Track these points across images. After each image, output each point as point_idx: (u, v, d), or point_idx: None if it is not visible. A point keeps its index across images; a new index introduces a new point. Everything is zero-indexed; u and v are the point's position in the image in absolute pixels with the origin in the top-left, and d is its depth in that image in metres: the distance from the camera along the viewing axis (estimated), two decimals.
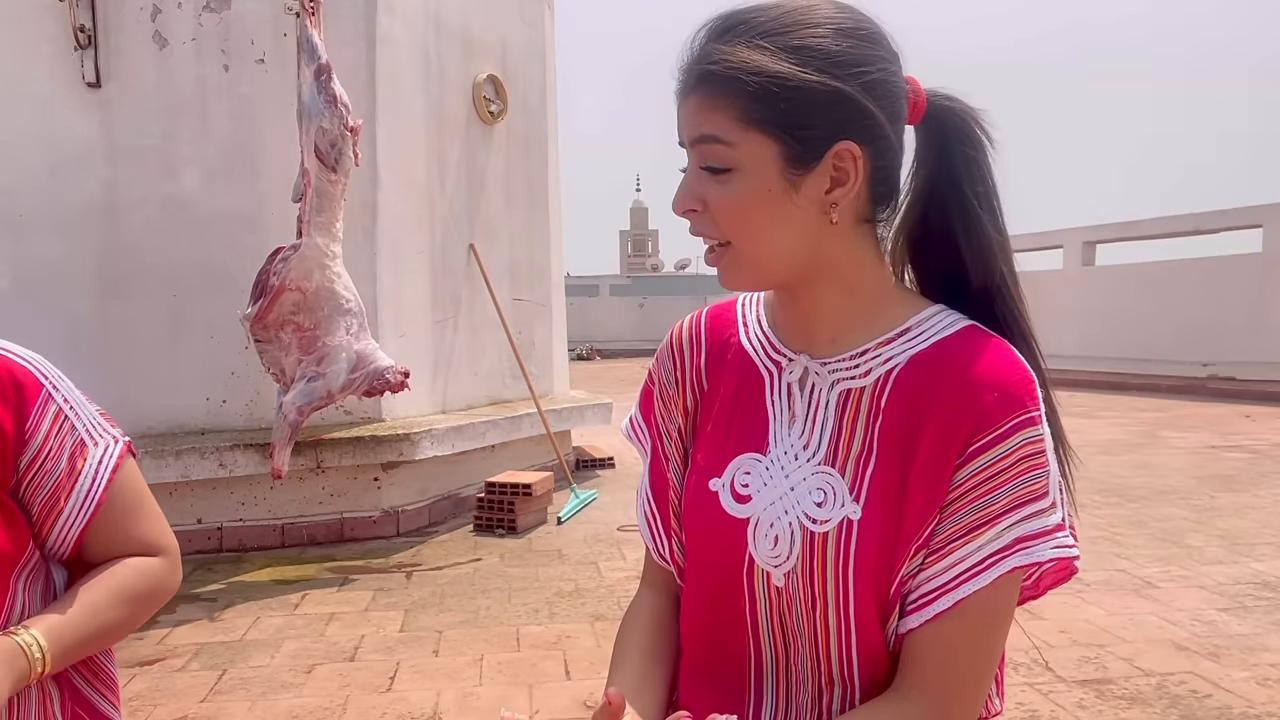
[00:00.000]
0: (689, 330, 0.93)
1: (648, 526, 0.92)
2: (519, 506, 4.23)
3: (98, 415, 0.98)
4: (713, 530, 0.83)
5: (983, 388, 0.74)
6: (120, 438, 0.98)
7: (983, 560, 0.73)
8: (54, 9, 3.84)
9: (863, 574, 0.75)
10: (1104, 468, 5.71)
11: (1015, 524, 0.72)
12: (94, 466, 0.94)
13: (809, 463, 0.80)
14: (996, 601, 0.74)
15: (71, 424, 0.93)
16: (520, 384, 5.05)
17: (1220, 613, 2.98)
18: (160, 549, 1.00)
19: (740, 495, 0.81)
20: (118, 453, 0.96)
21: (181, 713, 2.38)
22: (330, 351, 3.57)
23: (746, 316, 0.91)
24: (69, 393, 0.95)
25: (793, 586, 0.78)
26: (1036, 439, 0.74)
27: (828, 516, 0.77)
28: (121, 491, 0.96)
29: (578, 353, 18.64)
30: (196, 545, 3.91)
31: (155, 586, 0.98)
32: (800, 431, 0.81)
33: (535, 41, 5.54)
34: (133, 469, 0.99)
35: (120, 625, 0.95)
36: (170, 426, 4.00)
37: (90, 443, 0.95)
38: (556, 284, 5.92)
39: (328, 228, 3.54)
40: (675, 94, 0.78)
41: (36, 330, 3.74)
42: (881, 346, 0.80)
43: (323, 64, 3.47)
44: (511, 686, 2.51)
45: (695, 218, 0.78)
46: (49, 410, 0.92)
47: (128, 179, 3.95)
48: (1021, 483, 0.73)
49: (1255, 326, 9.89)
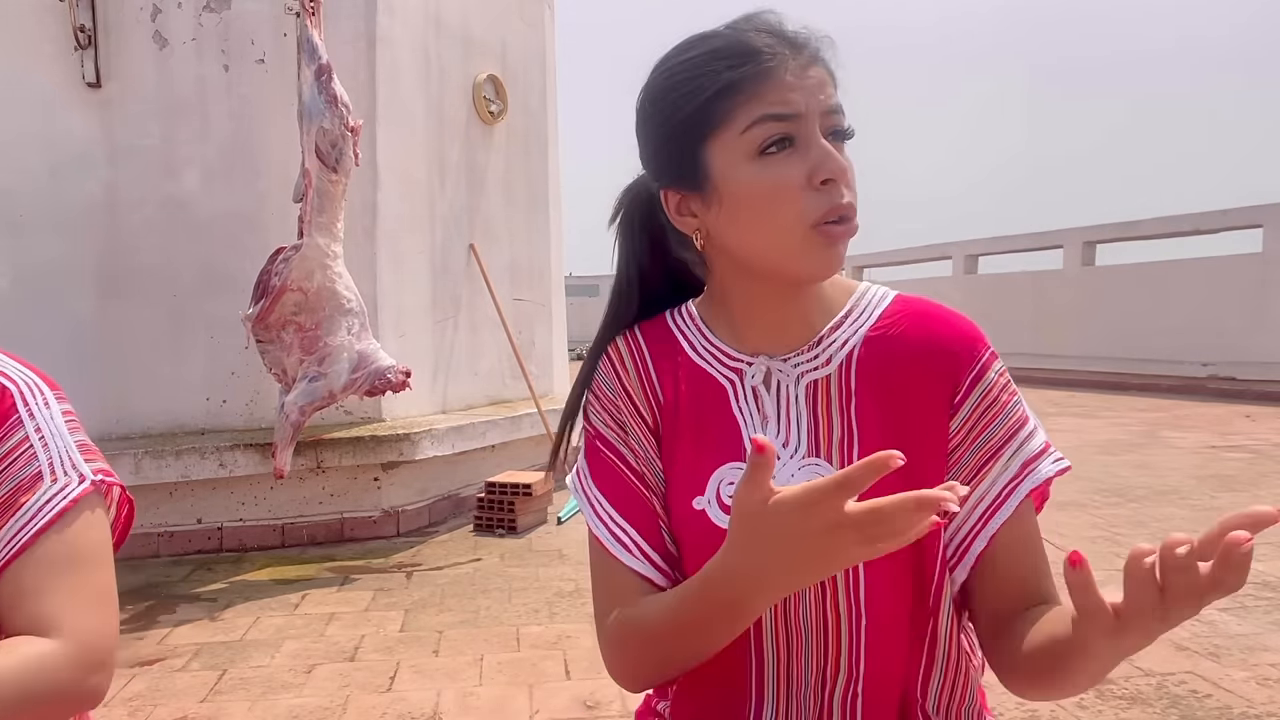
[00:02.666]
0: (628, 346, 0.90)
1: (626, 549, 0.83)
2: (519, 506, 4.23)
3: (74, 449, 0.84)
4: (707, 548, 0.80)
5: (946, 341, 0.80)
6: (89, 476, 0.83)
7: (1000, 493, 0.77)
8: (54, 9, 3.84)
9: (873, 563, 0.76)
10: (1104, 468, 5.71)
11: (1016, 451, 0.78)
12: (39, 504, 0.79)
13: (793, 459, 0.80)
14: (1025, 523, 0.79)
15: (34, 454, 0.82)
16: (520, 384, 5.05)
17: (1220, 613, 2.98)
18: (73, 633, 0.75)
19: (729, 506, 0.80)
20: (73, 494, 0.81)
21: (181, 713, 2.38)
22: (332, 351, 3.57)
23: (686, 332, 0.88)
24: (45, 421, 0.84)
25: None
26: (1003, 369, 0.80)
27: None
28: (59, 539, 0.78)
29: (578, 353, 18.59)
30: (196, 545, 3.92)
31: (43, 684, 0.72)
32: (776, 431, 0.81)
33: (535, 41, 5.54)
34: (91, 522, 0.82)
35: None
36: (170, 426, 4.00)
37: (49, 478, 0.81)
38: (556, 284, 5.92)
39: (329, 228, 3.54)
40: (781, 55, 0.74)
41: (36, 330, 3.75)
42: (834, 331, 0.82)
43: (323, 64, 3.47)
44: (511, 686, 2.51)
45: (836, 186, 0.75)
46: (13, 436, 0.82)
47: (128, 179, 3.95)
48: (1008, 412, 0.79)
49: (1255, 326, 9.88)
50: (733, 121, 0.74)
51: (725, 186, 0.77)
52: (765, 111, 0.73)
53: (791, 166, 0.74)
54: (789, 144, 0.74)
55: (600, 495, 0.85)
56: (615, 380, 0.88)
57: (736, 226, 0.78)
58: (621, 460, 0.86)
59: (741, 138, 0.74)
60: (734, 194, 0.76)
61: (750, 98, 0.74)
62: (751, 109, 0.73)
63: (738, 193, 0.76)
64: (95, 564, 0.81)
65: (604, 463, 0.86)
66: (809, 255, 0.76)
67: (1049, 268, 13.03)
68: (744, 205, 0.76)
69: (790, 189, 0.74)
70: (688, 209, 0.82)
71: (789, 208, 0.74)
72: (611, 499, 0.85)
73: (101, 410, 3.80)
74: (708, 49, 0.76)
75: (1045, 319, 12.45)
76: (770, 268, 0.79)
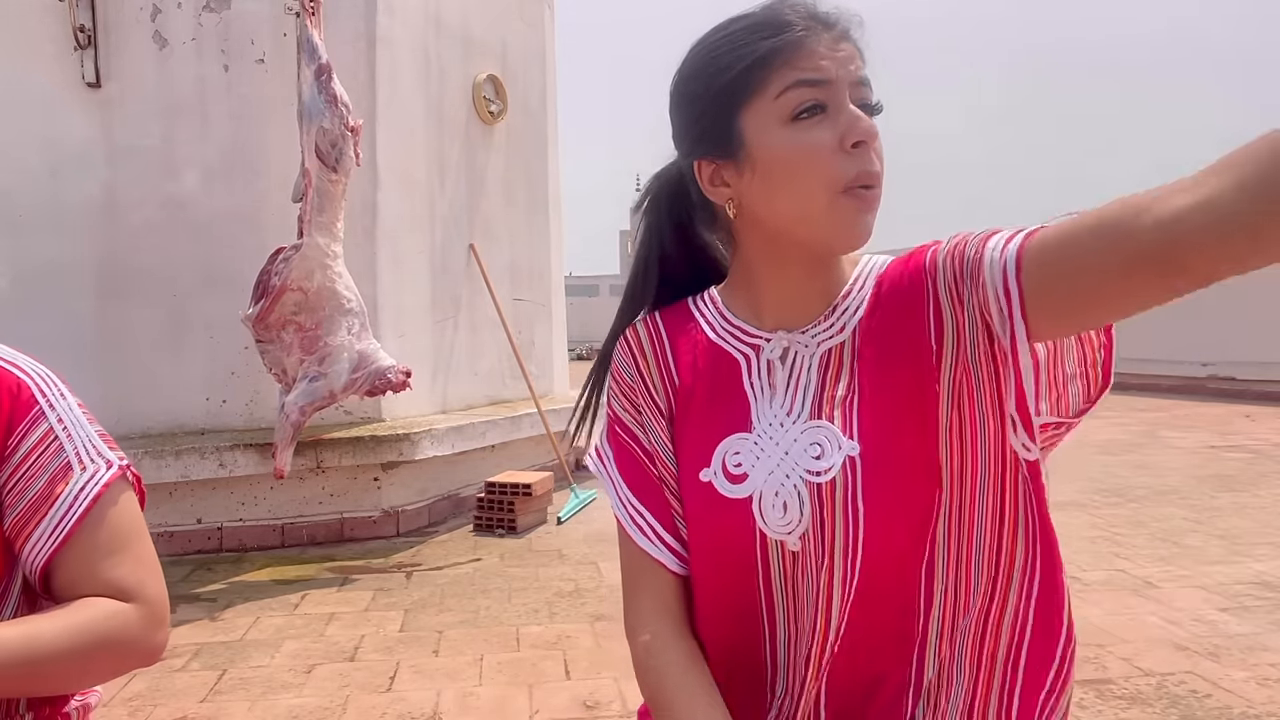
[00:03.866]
0: (647, 329, 0.92)
1: (642, 532, 0.87)
2: (519, 506, 4.23)
3: (95, 437, 0.89)
4: (715, 519, 0.82)
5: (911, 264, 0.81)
6: (115, 462, 0.88)
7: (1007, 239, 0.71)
8: (54, 9, 3.84)
9: (873, 506, 0.76)
10: (1104, 468, 5.71)
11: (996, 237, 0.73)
12: (74, 492, 0.84)
13: (795, 424, 0.81)
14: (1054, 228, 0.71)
15: (60, 445, 0.85)
16: (520, 384, 5.05)
17: (1220, 613, 2.98)
18: (136, 596, 0.85)
19: (734, 475, 0.82)
20: (105, 479, 0.86)
21: (181, 713, 2.38)
22: (332, 351, 3.57)
23: (705, 313, 0.90)
24: (65, 411, 0.88)
25: (808, 546, 0.78)
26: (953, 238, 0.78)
27: (829, 464, 0.78)
28: (101, 523, 0.85)
29: (578, 353, 18.64)
30: (196, 545, 3.92)
31: (116, 633, 0.82)
32: (782, 401, 0.82)
33: (535, 41, 5.54)
34: (124, 502, 0.88)
35: (65, 663, 0.79)
36: (170, 426, 4.00)
37: (78, 466, 0.86)
38: (556, 284, 5.92)
39: (329, 228, 3.54)
40: (814, 29, 0.76)
41: (36, 330, 3.74)
42: (845, 299, 0.83)
43: (323, 64, 3.47)
44: (511, 686, 2.51)
45: (866, 151, 0.76)
46: (38, 427, 0.85)
47: (128, 179, 3.95)
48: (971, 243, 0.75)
49: (1255, 326, 9.89)
50: (766, 88, 0.76)
51: (759, 152, 0.78)
52: (798, 78, 0.75)
53: (824, 130, 0.76)
54: (820, 110, 0.76)
55: (620, 478, 0.89)
56: (633, 365, 0.91)
57: (768, 193, 0.79)
58: (638, 445, 0.89)
59: (775, 103, 0.76)
60: (767, 159, 0.78)
61: (783, 64, 0.76)
62: (785, 75, 0.76)
63: (770, 157, 0.78)
64: (139, 537, 0.88)
65: (623, 447, 0.90)
66: (838, 221, 0.77)
67: None
68: (776, 170, 0.78)
69: (821, 152, 0.75)
70: (720, 179, 0.83)
71: (820, 171, 0.75)
72: (630, 483, 0.88)
73: (102, 410, 3.74)
74: (743, 25, 0.79)
75: None
76: (800, 237, 0.80)
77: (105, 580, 0.84)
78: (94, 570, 0.84)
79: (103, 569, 0.84)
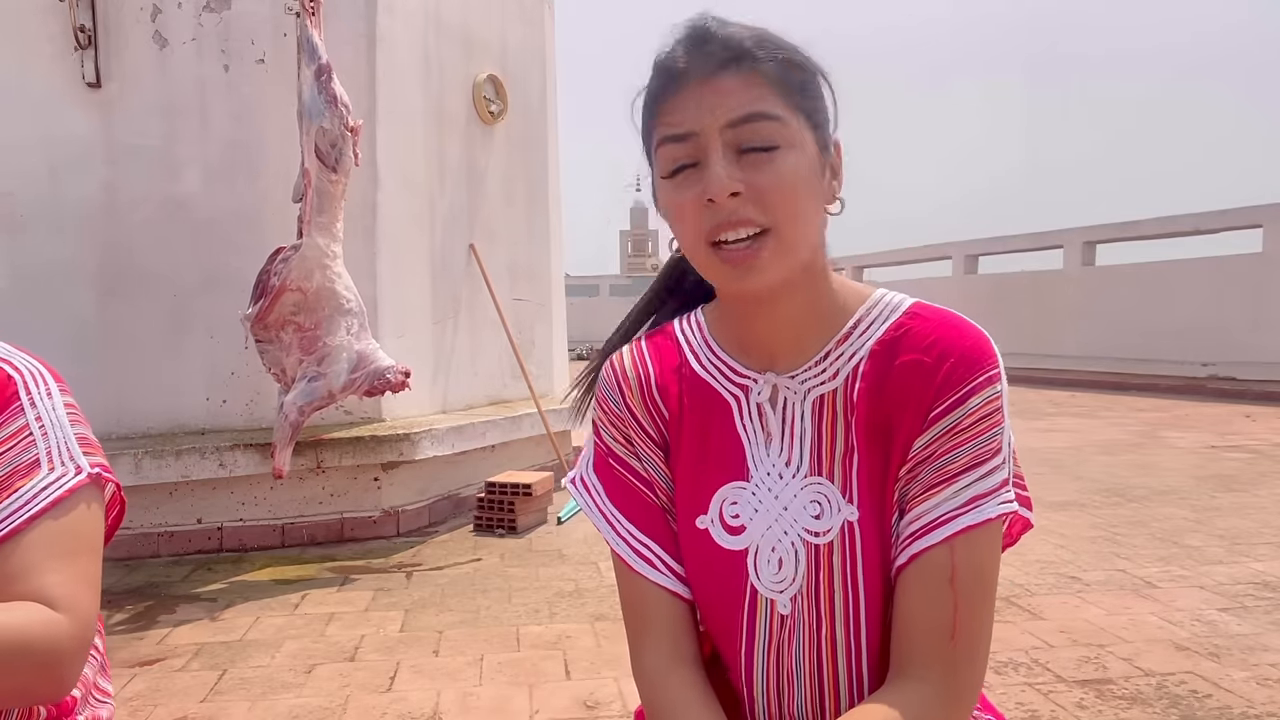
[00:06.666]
0: (631, 359, 0.88)
1: (649, 564, 0.82)
2: (519, 506, 4.23)
3: (73, 440, 0.86)
4: (709, 568, 0.80)
5: (941, 357, 0.75)
6: (86, 469, 0.85)
7: (937, 518, 0.73)
8: (54, 9, 3.84)
9: (872, 574, 0.75)
10: (1104, 468, 5.71)
11: (971, 484, 0.73)
12: (34, 490, 0.81)
13: (795, 478, 0.79)
14: (942, 569, 0.72)
15: (32, 441, 0.83)
16: (520, 384, 5.05)
17: (1220, 613, 2.98)
18: (67, 610, 0.78)
19: (732, 527, 0.79)
20: (69, 484, 0.83)
21: (181, 713, 2.37)
22: (331, 351, 3.57)
23: (691, 342, 0.87)
24: (47, 411, 0.86)
25: (798, 610, 0.77)
26: (995, 396, 0.74)
27: (828, 526, 0.76)
28: (54, 527, 0.81)
29: (578, 353, 18.61)
30: (196, 545, 3.92)
31: (45, 642, 0.74)
32: (779, 450, 0.80)
33: (535, 41, 5.54)
34: (86, 512, 0.84)
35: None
36: (170, 426, 4.00)
37: (45, 466, 0.83)
38: (556, 284, 5.92)
39: (328, 228, 3.54)
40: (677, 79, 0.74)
41: (36, 330, 3.75)
42: (840, 344, 0.80)
43: (323, 64, 3.47)
44: (511, 686, 2.51)
45: (735, 202, 0.72)
46: (13, 422, 0.84)
47: (128, 179, 3.95)
48: (982, 441, 0.74)
49: (1255, 326, 9.88)
50: (652, 140, 0.77)
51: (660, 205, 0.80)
52: (664, 134, 0.75)
53: (691, 186, 0.74)
54: (691, 165, 0.74)
55: (617, 512, 0.85)
56: (619, 395, 0.87)
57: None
58: (634, 475, 0.85)
59: (657, 157, 0.77)
60: (662, 209, 0.80)
61: (656, 119, 0.76)
62: (659, 130, 0.76)
63: (662, 209, 0.79)
64: (89, 553, 0.83)
65: (617, 478, 0.86)
66: (713, 274, 0.77)
67: (1049, 268, 13.03)
68: (668, 220, 0.79)
69: (685, 208, 0.75)
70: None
71: (687, 226, 0.76)
72: (629, 515, 0.84)
73: (102, 410, 3.80)
74: (654, 64, 0.78)
75: (1045, 319, 12.45)
76: None
77: (39, 585, 0.78)
78: (31, 572, 0.78)
79: (40, 571, 0.78)
